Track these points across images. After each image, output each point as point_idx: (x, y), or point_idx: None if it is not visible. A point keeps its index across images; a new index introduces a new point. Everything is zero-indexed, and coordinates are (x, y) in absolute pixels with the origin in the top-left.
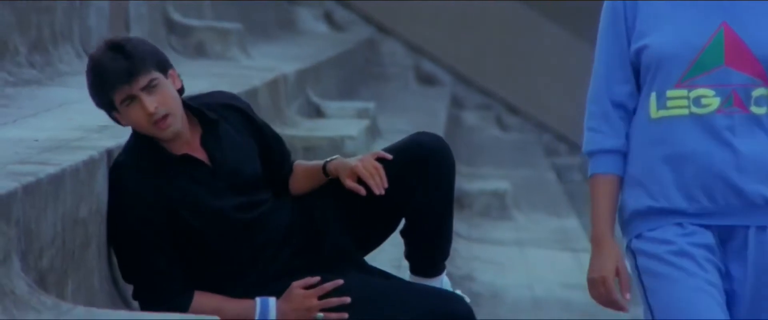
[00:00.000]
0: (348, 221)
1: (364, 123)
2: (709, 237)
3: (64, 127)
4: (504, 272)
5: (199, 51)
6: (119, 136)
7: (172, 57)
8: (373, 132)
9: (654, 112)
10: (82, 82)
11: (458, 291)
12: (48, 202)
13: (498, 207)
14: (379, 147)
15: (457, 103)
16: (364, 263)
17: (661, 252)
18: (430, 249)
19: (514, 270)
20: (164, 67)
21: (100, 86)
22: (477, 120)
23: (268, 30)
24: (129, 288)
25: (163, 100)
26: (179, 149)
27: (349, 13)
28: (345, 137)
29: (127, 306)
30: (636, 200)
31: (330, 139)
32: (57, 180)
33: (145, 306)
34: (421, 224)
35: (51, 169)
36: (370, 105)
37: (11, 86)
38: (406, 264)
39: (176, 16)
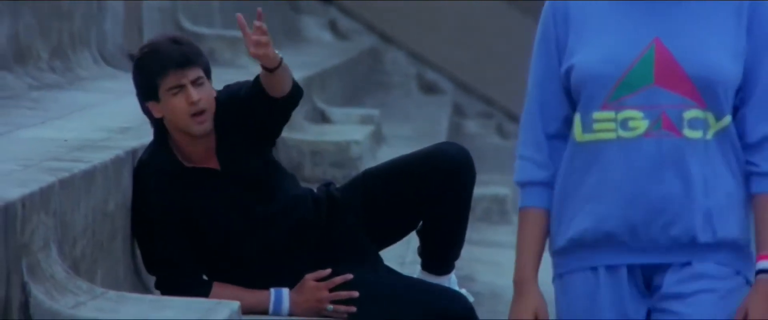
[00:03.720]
0: (369, 220)
1: (369, 128)
2: (620, 286)
3: (90, 128)
4: (503, 273)
5: (209, 58)
6: (141, 137)
7: None
8: (377, 138)
9: (579, 135)
10: (100, 87)
11: (463, 290)
12: (81, 196)
13: (498, 211)
14: (384, 152)
15: (458, 111)
16: (377, 259)
17: (570, 305)
18: (443, 250)
19: (513, 272)
20: (209, 71)
21: (153, 68)
22: (478, 128)
23: (275, 38)
24: (151, 279)
25: (206, 97)
26: (196, 156)
27: (353, 23)
28: (351, 142)
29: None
30: (557, 235)
31: (336, 144)
32: (89, 176)
33: (167, 295)
34: (438, 227)
35: (83, 166)
36: (375, 111)
37: (35, 90)
38: (409, 260)
39: (187, 24)
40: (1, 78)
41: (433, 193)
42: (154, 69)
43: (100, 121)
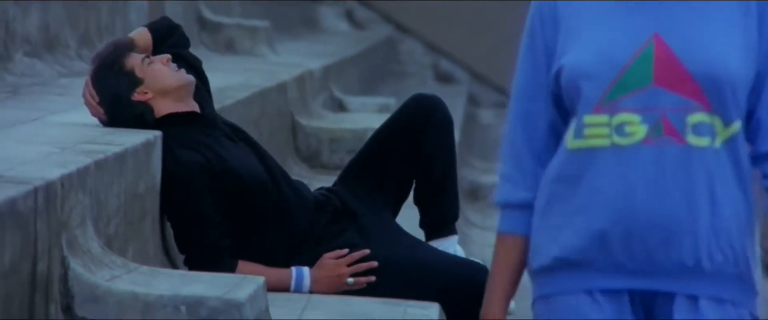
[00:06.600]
0: (370, 189)
1: (386, 117)
2: (621, 311)
3: None
4: None
5: (229, 47)
6: None
7: (203, 53)
8: None
9: (570, 141)
10: None
11: (480, 262)
12: (114, 177)
13: None
14: None
15: (473, 101)
16: (398, 232)
17: None
18: (439, 205)
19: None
20: None
21: (119, 60)
22: (492, 117)
23: (293, 28)
24: (179, 258)
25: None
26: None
27: (370, 13)
28: (368, 129)
29: None
30: (540, 251)
31: (353, 131)
32: (121, 159)
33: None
34: (429, 180)
35: (116, 148)
36: (391, 100)
37: (65, 77)
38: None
39: (207, 14)
40: (31, 65)
41: (415, 136)
42: (120, 60)
43: None
